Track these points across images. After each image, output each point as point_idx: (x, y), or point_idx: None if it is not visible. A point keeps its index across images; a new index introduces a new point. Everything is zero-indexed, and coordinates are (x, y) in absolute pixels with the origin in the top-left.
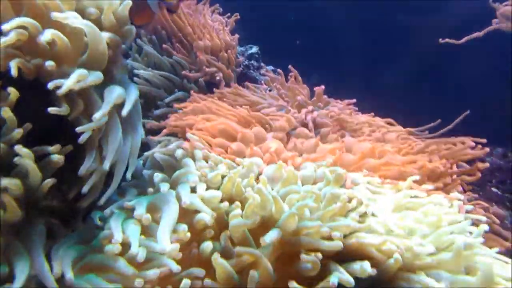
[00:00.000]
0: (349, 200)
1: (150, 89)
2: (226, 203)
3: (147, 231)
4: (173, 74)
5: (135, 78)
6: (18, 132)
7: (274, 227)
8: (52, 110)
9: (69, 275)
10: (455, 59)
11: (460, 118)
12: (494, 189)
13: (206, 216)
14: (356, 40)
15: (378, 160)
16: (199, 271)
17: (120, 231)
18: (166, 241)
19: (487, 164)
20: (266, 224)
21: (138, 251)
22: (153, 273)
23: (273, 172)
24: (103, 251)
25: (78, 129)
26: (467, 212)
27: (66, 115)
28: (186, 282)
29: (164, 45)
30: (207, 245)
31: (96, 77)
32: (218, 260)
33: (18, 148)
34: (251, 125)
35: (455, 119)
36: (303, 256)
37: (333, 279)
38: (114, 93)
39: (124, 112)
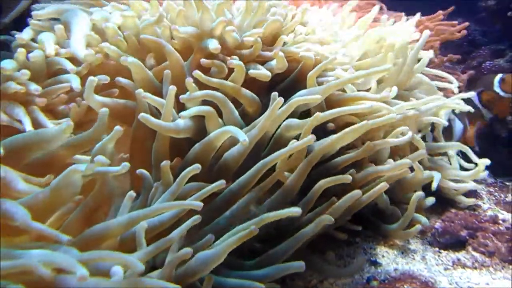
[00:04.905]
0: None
1: None
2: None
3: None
4: None
5: None
6: None
7: None
8: None
9: None
10: None
11: None
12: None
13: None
14: None
15: None
16: (103, 77)
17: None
18: (81, 48)
19: None
20: None
21: (52, 52)
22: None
23: None
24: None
25: None
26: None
27: None
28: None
29: None
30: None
31: None
32: (129, 60)
33: None
34: None
35: None
36: (216, 62)
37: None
38: None
39: None
